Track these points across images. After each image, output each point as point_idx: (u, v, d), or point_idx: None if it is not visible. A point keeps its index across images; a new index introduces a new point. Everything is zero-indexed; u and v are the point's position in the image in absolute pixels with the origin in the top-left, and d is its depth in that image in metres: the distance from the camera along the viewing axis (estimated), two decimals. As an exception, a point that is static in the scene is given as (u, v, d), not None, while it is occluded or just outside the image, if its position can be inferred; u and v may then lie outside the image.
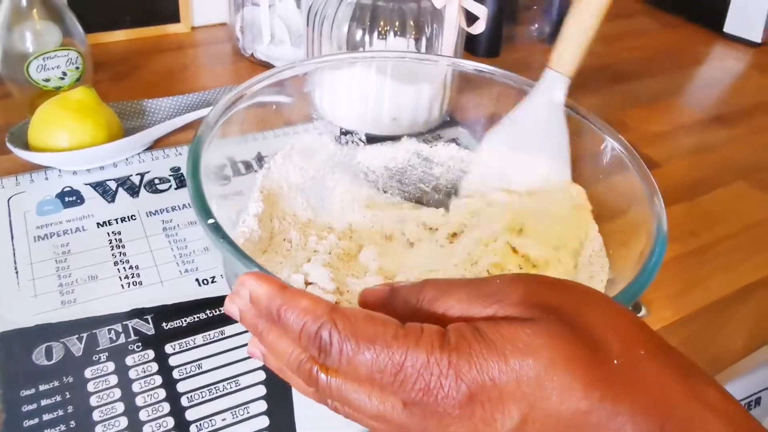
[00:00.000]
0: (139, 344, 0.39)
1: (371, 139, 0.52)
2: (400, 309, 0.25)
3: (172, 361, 0.38)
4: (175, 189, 0.51)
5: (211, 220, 0.31)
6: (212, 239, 0.31)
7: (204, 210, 0.32)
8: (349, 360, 0.23)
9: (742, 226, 0.56)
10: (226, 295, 0.42)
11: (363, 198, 0.48)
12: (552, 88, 0.44)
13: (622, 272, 0.38)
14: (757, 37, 0.88)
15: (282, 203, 0.45)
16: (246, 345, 0.39)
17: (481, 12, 0.55)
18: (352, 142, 0.51)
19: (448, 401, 0.22)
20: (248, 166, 0.48)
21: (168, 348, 0.39)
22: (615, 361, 0.22)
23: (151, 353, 0.38)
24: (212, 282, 0.43)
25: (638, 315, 0.45)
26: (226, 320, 0.41)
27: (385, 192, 0.50)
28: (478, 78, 0.51)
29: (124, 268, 0.44)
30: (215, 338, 0.40)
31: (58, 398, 0.35)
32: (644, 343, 0.23)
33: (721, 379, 0.46)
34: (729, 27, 0.90)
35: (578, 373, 0.21)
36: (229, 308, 0.27)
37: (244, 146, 0.47)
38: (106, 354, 0.38)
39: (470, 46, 0.76)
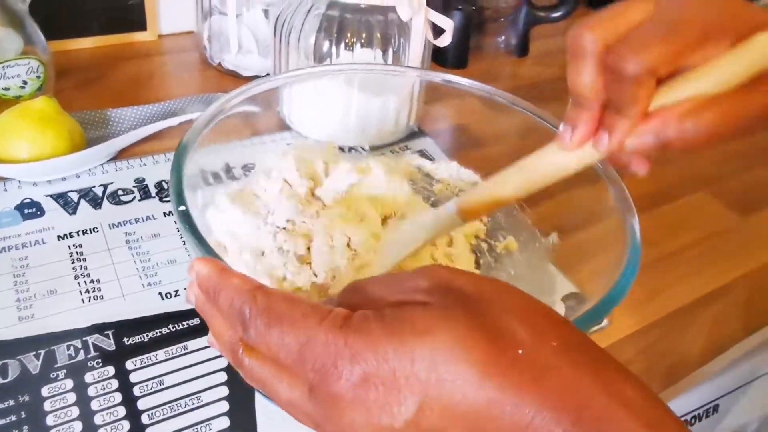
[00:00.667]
0: (99, 360, 0.38)
1: (374, 149, 0.52)
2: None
3: (133, 377, 0.37)
4: (139, 201, 0.50)
5: (182, 207, 0.32)
6: (180, 225, 0.32)
7: (178, 197, 0.33)
8: (262, 336, 0.23)
9: (701, 235, 0.57)
10: (190, 310, 0.42)
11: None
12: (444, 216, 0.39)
13: (590, 284, 0.38)
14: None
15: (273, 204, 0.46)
16: (209, 360, 0.39)
17: (447, 25, 0.56)
18: (355, 151, 0.52)
19: (342, 383, 0.21)
20: (216, 176, 0.48)
21: (129, 364, 0.38)
22: (520, 351, 0.21)
23: (111, 370, 0.38)
24: (176, 295, 0.43)
25: (600, 326, 0.45)
26: (189, 335, 0.40)
27: None
28: (445, 89, 0.51)
29: (84, 282, 0.43)
30: (178, 353, 0.39)
31: (13, 418, 0.34)
32: (557, 336, 0.22)
33: (680, 387, 0.47)
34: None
35: (474, 360, 0.21)
36: (188, 295, 0.27)
37: (214, 156, 0.47)
38: (65, 371, 0.37)
39: (437, 57, 0.76)
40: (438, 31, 0.58)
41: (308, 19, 0.55)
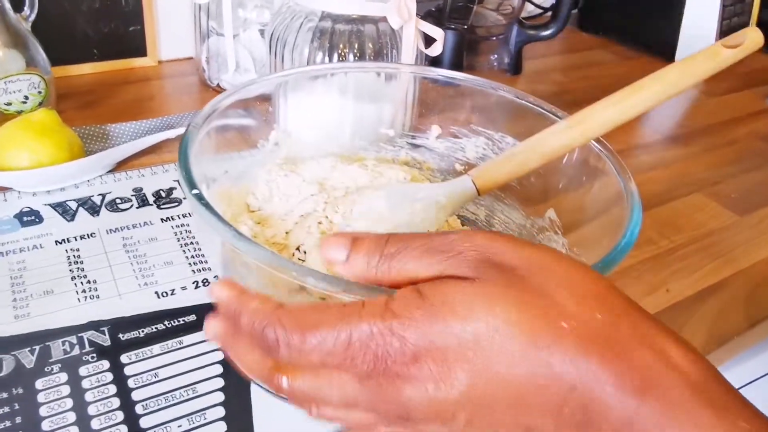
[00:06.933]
0: (94, 355, 0.38)
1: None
2: (360, 260, 0.25)
3: (128, 370, 0.37)
4: (137, 208, 0.51)
5: (195, 191, 0.32)
6: (194, 207, 0.31)
7: (189, 181, 0.33)
8: (300, 351, 0.23)
9: (699, 233, 0.57)
10: (185, 307, 0.42)
11: None
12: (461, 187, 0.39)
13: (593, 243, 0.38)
14: (708, 66, 0.92)
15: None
16: (205, 353, 0.39)
17: (438, 34, 0.57)
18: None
19: (397, 364, 0.22)
20: (215, 180, 0.48)
21: (124, 358, 0.38)
22: (564, 324, 0.21)
23: (105, 363, 0.37)
24: (171, 294, 0.43)
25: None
26: (185, 330, 0.40)
27: None
28: (442, 91, 0.52)
29: (81, 282, 0.43)
30: (173, 347, 0.39)
31: (6, 409, 0.34)
32: (604, 303, 0.22)
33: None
34: (680, 57, 0.94)
35: (522, 336, 0.21)
36: (206, 333, 0.26)
37: (212, 165, 0.48)
38: (59, 365, 0.37)
39: (432, 75, 0.78)
40: (430, 42, 0.59)
41: (301, 33, 0.56)
